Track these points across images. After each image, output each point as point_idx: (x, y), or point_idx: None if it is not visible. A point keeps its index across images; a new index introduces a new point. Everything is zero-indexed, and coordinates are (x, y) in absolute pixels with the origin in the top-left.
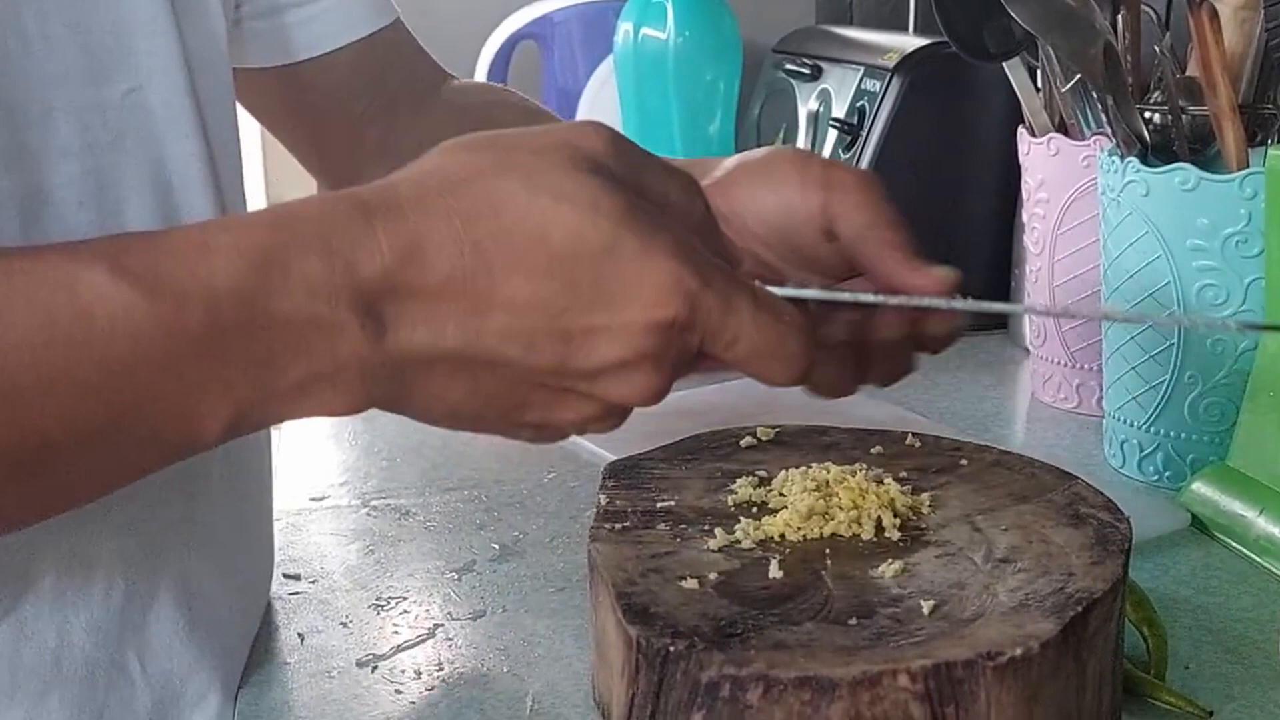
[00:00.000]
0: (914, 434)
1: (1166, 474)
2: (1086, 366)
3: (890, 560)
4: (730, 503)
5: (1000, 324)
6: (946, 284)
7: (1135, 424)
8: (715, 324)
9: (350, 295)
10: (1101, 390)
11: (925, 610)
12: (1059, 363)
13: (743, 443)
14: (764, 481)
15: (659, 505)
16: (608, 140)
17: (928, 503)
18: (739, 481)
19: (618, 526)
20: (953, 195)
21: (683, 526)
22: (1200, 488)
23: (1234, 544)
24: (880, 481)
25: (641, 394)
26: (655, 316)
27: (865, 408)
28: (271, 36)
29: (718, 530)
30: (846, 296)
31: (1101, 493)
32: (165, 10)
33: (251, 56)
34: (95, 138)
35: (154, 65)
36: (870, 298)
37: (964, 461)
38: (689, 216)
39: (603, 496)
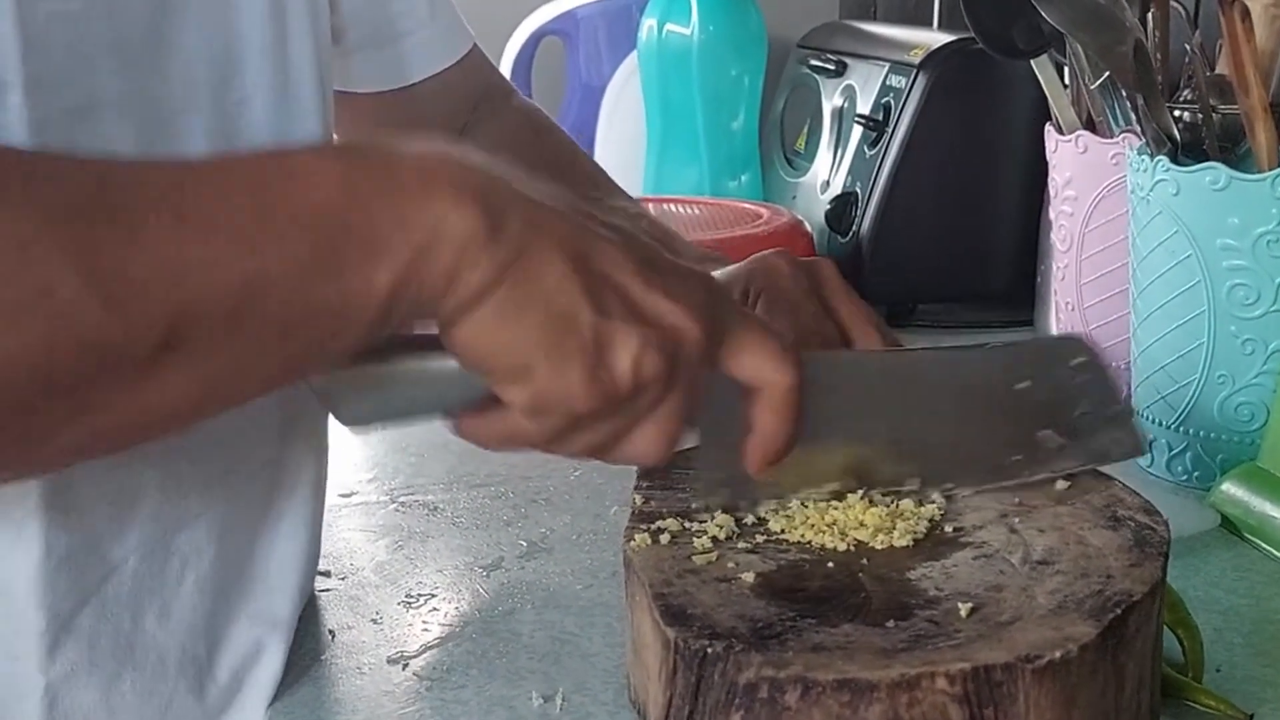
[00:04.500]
0: None
1: (1196, 474)
2: (1114, 365)
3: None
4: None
5: (1027, 320)
6: None
7: (1164, 424)
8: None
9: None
10: (1130, 389)
11: (963, 612)
12: None
13: None
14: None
15: (694, 506)
16: None
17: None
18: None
19: (653, 527)
20: (978, 192)
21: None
22: (1230, 488)
23: (1264, 545)
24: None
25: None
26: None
27: None
28: (387, 62)
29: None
30: None
31: (1139, 494)
32: (272, 28)
33: (365, 82)
34: (215, 142)
35: (259, 81)
36: None
37: None
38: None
39: (637, 497)
